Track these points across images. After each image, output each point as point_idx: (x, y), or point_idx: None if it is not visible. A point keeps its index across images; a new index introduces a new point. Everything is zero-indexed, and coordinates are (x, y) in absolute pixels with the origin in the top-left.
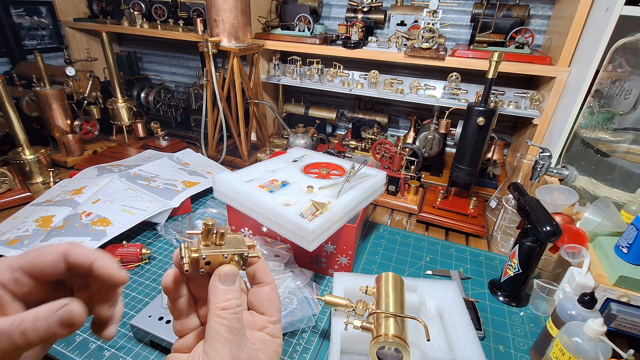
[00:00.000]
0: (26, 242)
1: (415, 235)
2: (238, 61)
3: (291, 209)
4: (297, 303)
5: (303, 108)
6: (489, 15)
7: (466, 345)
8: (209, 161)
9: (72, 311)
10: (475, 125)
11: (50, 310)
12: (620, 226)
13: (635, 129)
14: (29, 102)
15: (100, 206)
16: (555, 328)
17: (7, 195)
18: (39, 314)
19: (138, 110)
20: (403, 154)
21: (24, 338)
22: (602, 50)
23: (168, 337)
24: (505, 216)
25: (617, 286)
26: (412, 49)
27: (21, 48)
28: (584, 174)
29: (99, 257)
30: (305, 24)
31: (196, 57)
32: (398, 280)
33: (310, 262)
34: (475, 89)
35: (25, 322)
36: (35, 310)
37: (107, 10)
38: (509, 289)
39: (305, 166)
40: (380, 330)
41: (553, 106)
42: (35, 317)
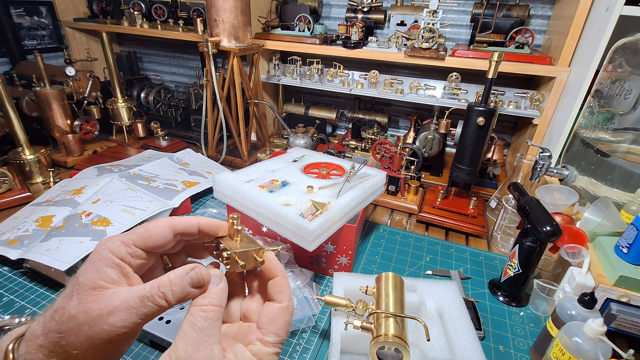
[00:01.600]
0: (26, 242)
1: (415, 235)
2: (238, 61)
3: (291, 209)
4: (297, 303)
5: (303, 108)
6: (489, 15)
7: (466, 345)
8: (209, 161)
9: (201, 272)
10: (475, 125)
11: (181, 274)
12: (620, 226)
13: (635, 129)
14: (29, 102)
15: (100, 206)
16: (555, 328)
17: (7, 195)
18: (173, 278)
19: (138, 110)
20: (403, 154)
21: (165, 300)
22: (602, 50)
23: (168, 337)
24: (505, 216)
25: (617, 286)
26: (412, 49)
27: (21, 48)
28: (584, 174)
29: (200, 219)
30: (305, 24)
31: (196, 57)
32: (398, 280)
33: (310, 262)
34: (475, 89)
35: (163, 286)
36: (167, 275)
37: (107, 10)
38: (509, 289)
39: (305, 166)
40: (380, 330)
41: (553, 106)
42: (171, 282)
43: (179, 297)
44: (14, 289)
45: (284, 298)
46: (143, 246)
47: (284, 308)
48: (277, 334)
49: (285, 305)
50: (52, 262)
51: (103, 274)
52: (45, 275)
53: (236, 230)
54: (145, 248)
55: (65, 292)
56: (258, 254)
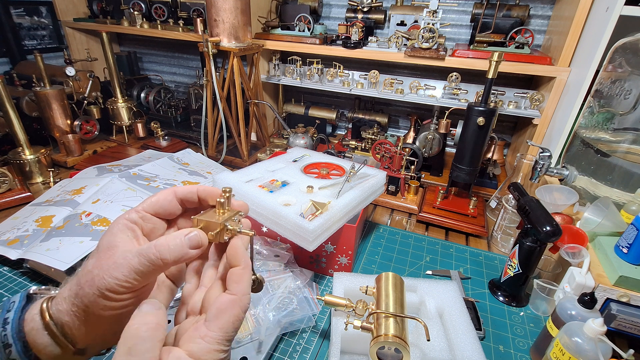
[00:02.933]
0: (26, 242)
1: (415, 235)
2: (238, 61)
3: (291, 209)
4: (297, 303)
5: (303, 108)
6: (489, 15)
7: (466, 345)
8: (209, 161)
9: (199, 234)
10: (475, 125)
11: (180, 234)
12: (620, 226)
13: (635, 129)
14: (29, 102)
15: (100, 206)
16: (555, 328)
17: (7, 195)
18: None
19: (138, 110)
20: (403, 154)
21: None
22: (602, 50)
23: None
24: (505, 216)
25: (617, 286)
26: (412, 49)
27: (21, 48)
28: (584, 174)
29: (199, 187)
30: (305, 24)
31: (196, 57)
32: (398, 280)
33: (310, 262)
34: (475, 89)
35: (160, 245)
36: (166, 236)
37: (107, 10)
38: (509, 289)
39: (305, 166)
40: (380, 330)
41: (553, 106)
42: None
43: (176, 256)
44: (14, 289)
45: (238, 290)
46: (152, 211)
47: (235, 300)
48: (222, 328)
49: (236, 297)
50: (52, 262)
51: (117, 236)
52: (45, 275)
53: (219, 202)
54: (154, 212)
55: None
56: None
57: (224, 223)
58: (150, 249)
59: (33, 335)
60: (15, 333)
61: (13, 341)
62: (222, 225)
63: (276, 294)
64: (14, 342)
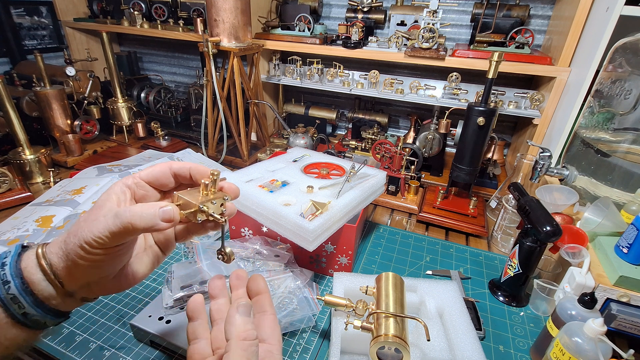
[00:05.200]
0: (26, 242)
1: (415, 235)
2: (238, 61)
3: (291, 209)
4: (297, 303)
5: (303, 108)
6: (489, 15)
7: (466, 345)
8: (209, 161)
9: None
10: (475, 125)
11: (156, 205)
12: (620, 226)
13: (636, 129)
14: (29, 102)
15: None
16: (555, 328)
17: (7, 195)
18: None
19: (138, 110)
20: (403, 154)
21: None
22: (602, 50)
23: (168, 337)
24: (505, 216)
25: (617, 286)
26: (412, 49)
27: (21, 48)
28: (584, 174)
29: (192, 165)
30: (305, 24)
31: (196, 57)
32: (398, 280)
33: (310, 262)
34: (475, 89)
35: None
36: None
37: (107, 10)
38: (509, 289)
39: (305, 166)
40: (380, 330)
41: (553, 106)
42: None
43: (146, 224)
44: None
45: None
46: (146, 179)
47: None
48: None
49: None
50: None
51: (110, 196)
52: None
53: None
54: (148, 181)
55: None
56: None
57: (200, 205)
58: (125, 213)
59: (28, 272)
60: (13, 271)
61: (11, 278)
62: (196, 206)
63: (276, 294)
64: (12, 279)
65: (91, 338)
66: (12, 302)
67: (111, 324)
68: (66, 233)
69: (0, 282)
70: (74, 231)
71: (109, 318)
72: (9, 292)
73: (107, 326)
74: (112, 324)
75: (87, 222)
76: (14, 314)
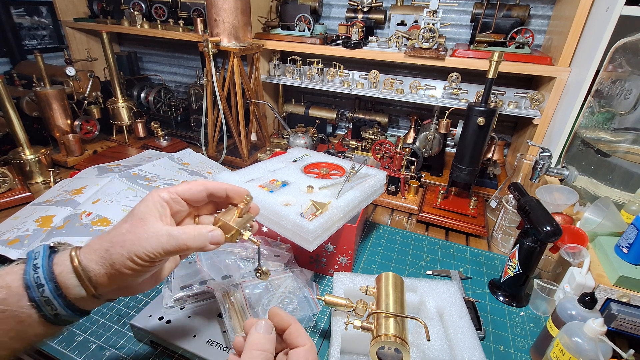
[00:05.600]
0: (26, 242)
1: (415, 235)
2: (238, 61)
3: (291, 209)
4: (297, 303)
5: (303, 108)
6: (489, 15)
7: (466, 345)
8: (209, 161)
9: (220, 233)
10: (476, 125)
11: (205, 230)
12: (620, 226)
13: (636, 129)
14: (29, 102)
15: (100, 206)
16: (555, 328)
17: (7, 195)
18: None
19: (138, 110)
20: (403, 154)
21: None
22: (602, 50)
23: (168, 337)
24: (505, 216)
25: (617, 286)
26: (412, 49)
27: (21, 48)
28: (584, 174)
29: (229, 185)
30: (306, 24)
31: (196, 57)
32: (398, 280)
33: (310, 262)
34: (475, 89)
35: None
36: (193, 227)
37: (107, 10)
38: (509, 289)
39: (305, 166)
40: (380, 330)
41: (553, 106)
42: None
43: (198, 246)
44: None
45: (305, 340)
46: (182, 196)
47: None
48: None
49: (309, 346)
50: None
51: (150, 210)
52: None
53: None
54: (183, 197)
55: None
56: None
57: (239, 229)
58: (180, 235)
59: (62, 277)
60: (46, 275)
61: (45, 282)
62: (236, 230)
63: (276, 294)
64: (46, 283)
65: (91, 338)
66: (45, 304)
67: (111, 324)
68: (107, 243)
69: (35, 285)
70: (119, 242)
71: (109, 318)
72: (43, 295)
73: (107, 326)
74: (112, 324)
75: (135, 235)
76: (46, 314)
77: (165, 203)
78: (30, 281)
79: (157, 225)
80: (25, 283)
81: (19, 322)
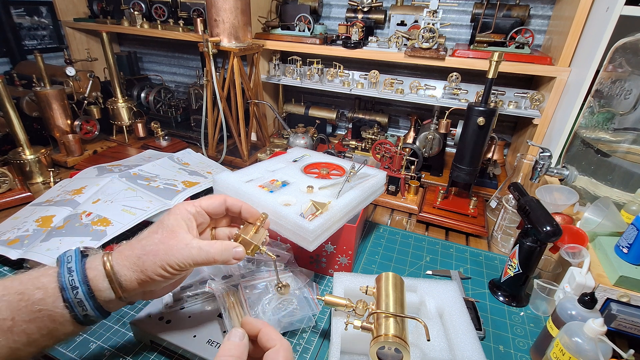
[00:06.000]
0: (26, 242)
1: (415, 235)
2: (238, 61)
3: (291, 209)
4: (297, 303)
5: (303, 108)
6: (489, 15)
7: (466, 345)
8: (209, 161)
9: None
10: (476, 125)
11: (230, 246)
12: (620, 226)
13: (636, 129)
14: (29, 102)
15: (100, 206)
16: (555, 328)
17: (7, 195)
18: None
19: (138, 110)
20: (403, 154)
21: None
22: (602, 50)
23: (168, 337)
24: (505, 216)
25: (617, 286)
26: (412, 49)
27: (21, 48)
28: (584, 174)
29: (244, 203)
30: (306, 24)
31: (196, 57)
32: (398, 280)
33: (310, 262)
34: (475, 89)
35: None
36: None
37: (107, 10)
38: (509, 289)
39: (305, 166)
40: (380, 330)
41: (553, 106)
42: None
43: (223, 260)
44: None
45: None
46: (206, 209)
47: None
48: None
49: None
50: (53, 263)
51: (179, 223)
52: None
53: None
54: (206, 211)
55: (151, 229)
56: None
57: (258, 244)
58: (210, 249)
59: (96, 281)
60: (80, 278)
61: (79, 284)
62: (255, 245)
63: (276, 294)
64: (80, 285)
65: (91, 338)
66: (77, 305)
67: (111, 324)
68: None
69: (70, 287)
70: (153, 251)
71: (109, 318)
72: (76, 297)
73: (107, 326)
74: (112, 324)
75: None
76: (77, 314)
77: (192, 217)
78: (66, 283)
79: (187, 238)
80: (61, 285)
81: (52, 320)
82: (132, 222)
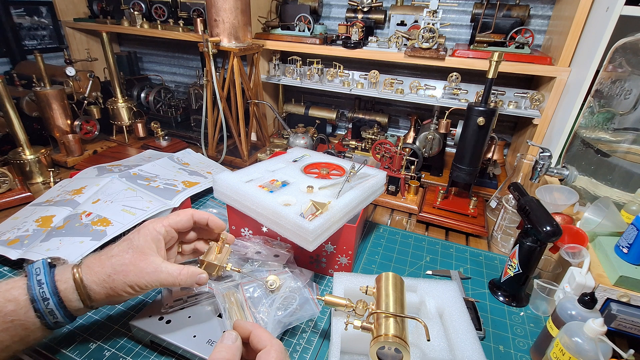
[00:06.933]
0: (26, 242)
1: (415, 235)
2: (238, 61)
3: (291, 209)
4: (297, 303)
5: (303, 108)
6: (489, 15)
7: (466, 345)
8: (209, 161)
9: (205, 276)
10: (476, 125)
11: (196, 272)
12: (620, 226)
13: (636, 129)
14: (29, 102)
15: (100, 206)
16: (555, 328)
17: (7, 195)
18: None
19: (138, 110)
20: (403, 154)
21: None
22: (602, 50)
23: (168, 337)
24: (505, 216)
25: (617, 286)
26: (412, 49)
27: (21, 48)
28: (584, 174)
29: (211, 216)
30: (305, 24)
31: (196, 57)
32: (398, 280)
33: (310, 262)
34: (475, 89)
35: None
36: (187, 268)
37: (107, 10)
38: (509, 289)
39: (305, 166)
40: (380, 330)
41: (553, 106)
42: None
43: (188, 285)
44: None
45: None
46: (175, 227)
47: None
48: None
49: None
50: None
51: (149, 244)
52: None
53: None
54: (175, 228)
55: (121, 246)
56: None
57: (221, 265)
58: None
59: (66, 292)
60: (51, 290)
61: (50, 296)
62: (219, 266)
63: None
64: (51, 297)
65: (91, 338)
66: (49, 314)
67: (111, 324)
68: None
69: (41, 299)
70: (123, 272)
71: (109, 318)
72: (47, 307)
73: (107, 326)
74: (112, 324)
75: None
76: (48, 322)
77: (161, 237)
78: (36, 295)
79: (156, 262)
80: (32, 297)
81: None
82: (132, 222)
